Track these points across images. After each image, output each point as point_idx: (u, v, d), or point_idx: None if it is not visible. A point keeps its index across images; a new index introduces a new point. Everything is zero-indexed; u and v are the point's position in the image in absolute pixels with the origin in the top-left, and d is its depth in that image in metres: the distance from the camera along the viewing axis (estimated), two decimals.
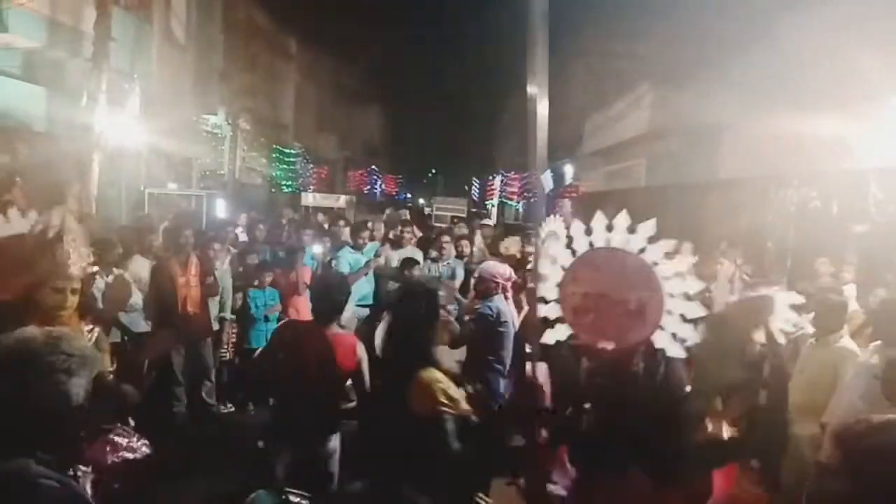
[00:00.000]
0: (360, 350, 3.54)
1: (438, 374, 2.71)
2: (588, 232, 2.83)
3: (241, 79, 16.28)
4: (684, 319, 2.55)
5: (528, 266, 5.49)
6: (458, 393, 2.69)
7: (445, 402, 2.61)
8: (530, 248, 5.49)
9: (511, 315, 4.48)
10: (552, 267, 2.89)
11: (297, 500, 2.11)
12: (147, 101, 9.82)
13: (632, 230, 2.69)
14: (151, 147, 10.83)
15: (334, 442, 3.55)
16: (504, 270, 4.69)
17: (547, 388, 3.02)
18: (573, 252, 2.87)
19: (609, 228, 2.78)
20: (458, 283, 6.67)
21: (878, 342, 3.90)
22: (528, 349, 2.90)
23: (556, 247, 2.92)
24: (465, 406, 2.66)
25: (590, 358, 2.79)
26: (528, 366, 2.79)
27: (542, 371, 2.92)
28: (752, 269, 6.74)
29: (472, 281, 5.31)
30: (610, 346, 2.60)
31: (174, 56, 12.50)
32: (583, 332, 2.76)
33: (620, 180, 15.96)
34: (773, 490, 3.05)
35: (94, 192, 8.21)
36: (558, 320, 2.81)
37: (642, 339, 2.57)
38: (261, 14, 18.38)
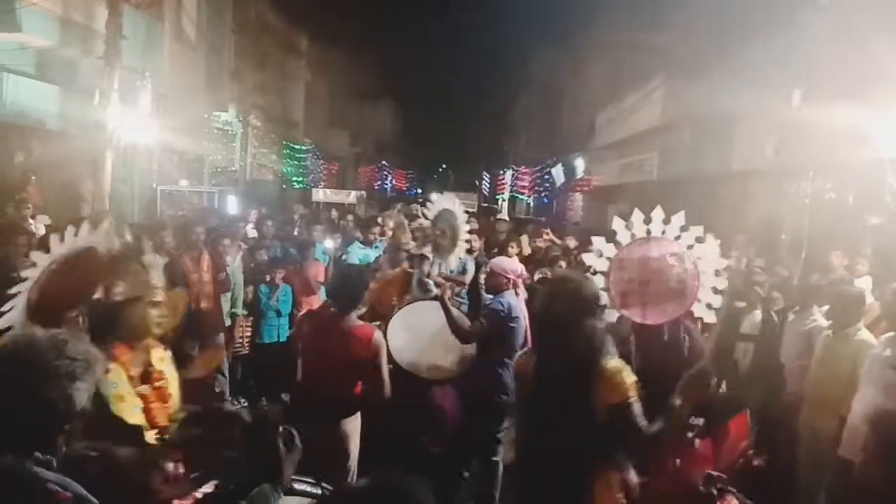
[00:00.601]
0: (377, 341, 3.59)
1: (619, 362, 2.70)
2: (629, 226, 3.43)
3: (252, 76, 16.32)
4: (715, 291, 3.25)
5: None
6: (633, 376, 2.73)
7: (632, 387, 2.62)
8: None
9: (522, 311, 4.46)
10: (598, 260, 3.44)
11: (303, 487, 2.09)
12: (159, 99, 9.88)
13: (666, 221, 3.37)
14: (163, 144, 10.90)
15: (348, 428, 3.62)
16: (515, 266, 4.66)
17: None
18: (616, 245, 3.43)
19: (647, 221, 3.43)
20: (468, 277, 6.65)
21: (892, 333, 3.85)
22: None
23: (600, 242, 3.53)
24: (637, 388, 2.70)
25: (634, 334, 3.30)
26: None
27: None
28: (767, 262, 6.67)
29: (482, 276, 5.29)
30: (658, 320, 3.15)
31: (185, 54, 12.57)
32: (631, 313, 3.29)
33: (633, 173, 15.85)
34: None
35: (107, 189, 8.27)
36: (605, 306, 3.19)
37: (684, 312, 3.22)
38: (271, 11, 18.41)
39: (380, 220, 7.82)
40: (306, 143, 22.44)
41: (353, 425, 3.66)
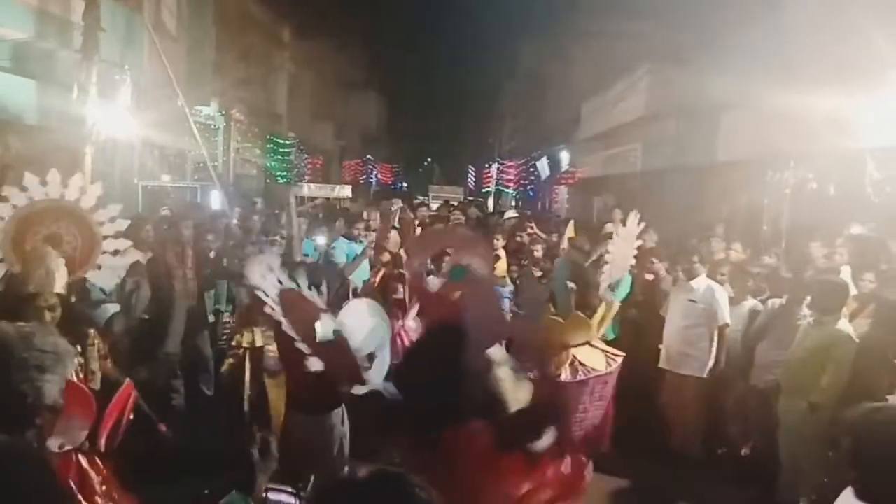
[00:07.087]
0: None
1: None
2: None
3: (235, 69, 16.12)
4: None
5: None
6: None
7: None
8: None
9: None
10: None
11: (279, 497, 1.98)
12: (139, 93, 9.73)
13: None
14: (144, 139, 10.74)
15: (334, 420, 3.63)
16: None
17: None
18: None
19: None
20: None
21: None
22: None
23: None
24: None
25: None
26: None
27: None
28: (751, 251, 6.72)
29: None
30: None
31: (166, 47, 12.36)
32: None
33: (618, 165, 15.87)
34: None
35: (87, 185, 8.12)
36: None
37: None
38: (253, 3, 18.19)
39: (365, 214, 7.79)
40: (290, 137, 22.24)
41: (338, 417, 3.67)
